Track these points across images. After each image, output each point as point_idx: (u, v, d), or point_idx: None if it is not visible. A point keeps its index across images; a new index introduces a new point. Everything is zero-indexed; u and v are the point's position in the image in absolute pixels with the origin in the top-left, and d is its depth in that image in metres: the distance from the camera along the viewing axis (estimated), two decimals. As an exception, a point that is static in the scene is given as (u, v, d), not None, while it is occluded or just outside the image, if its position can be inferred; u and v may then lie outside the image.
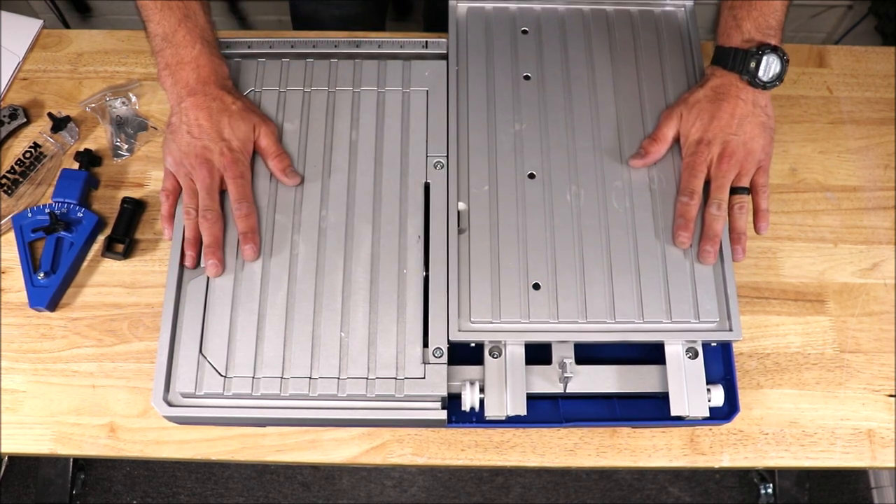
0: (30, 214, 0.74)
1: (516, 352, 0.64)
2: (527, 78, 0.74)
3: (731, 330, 0.65)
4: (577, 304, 0.65)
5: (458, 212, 0.68)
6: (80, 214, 0.74)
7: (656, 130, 0.71)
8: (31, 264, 0.72)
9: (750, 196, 0.70)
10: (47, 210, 0.73)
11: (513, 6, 0.78)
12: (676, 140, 0.71)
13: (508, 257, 0.66)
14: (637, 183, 0.70)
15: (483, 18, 0.78)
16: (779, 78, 0.69)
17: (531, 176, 0.70)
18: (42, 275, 0.71)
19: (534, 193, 0.69)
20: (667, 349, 0.65)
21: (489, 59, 0.75)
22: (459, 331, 0.64)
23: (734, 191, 0.69)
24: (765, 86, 0.69)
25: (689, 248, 0.67)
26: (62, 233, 0.73)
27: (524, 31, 0.77)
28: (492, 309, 0.64)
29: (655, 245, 0.67)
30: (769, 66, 0.68)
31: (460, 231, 0.67)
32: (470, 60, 0.75)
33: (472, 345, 0.65)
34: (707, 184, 0.69)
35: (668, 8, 0.80)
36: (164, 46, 0.70)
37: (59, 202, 0.74)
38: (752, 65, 0.68)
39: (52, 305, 0.71)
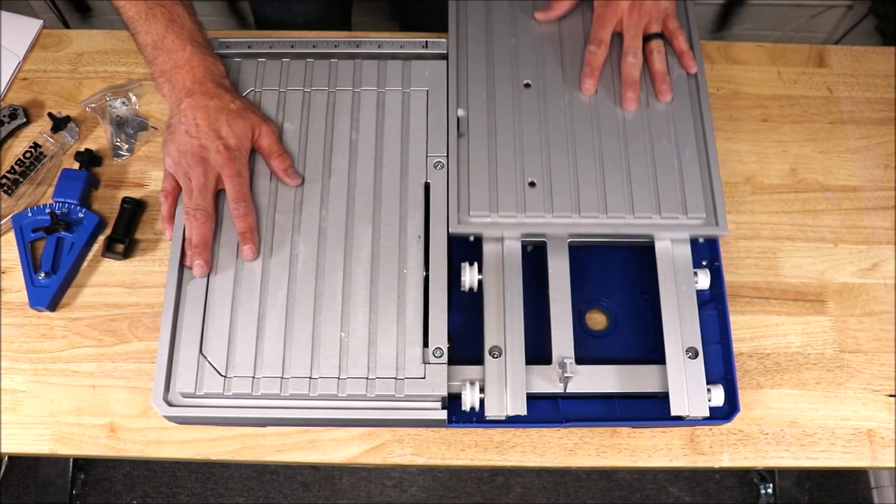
0: (30, 214, 0.74)
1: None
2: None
3: (717, 225, 0.68)
4: (570, 200, 0.68)
5: (458, 118, 0.71)
6: (80, 214, 0.74)
7: None
8: (31, 264, 0.72)
9: (663, 43, 0.74)
10: (48, 210, 0.73)
11: None
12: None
13: (505, 157, 0.70)
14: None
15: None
16: None
17: (527, 85, 0.73)
18: (42, 275, 0.71)
19: (529, 100, 0.73)
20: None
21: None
22: (459, 223, 0.67)
23: (647, 38, 0.74)
24: None
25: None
26: (63, 233, 0.73)
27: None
28: (489, 203, 0.67)
29: (644, 145, 0.71)
30: None
31: (460, 135, 0.71)
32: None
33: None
34: (620, 38, 0.75)
35: None
36: (157, 54, 0.71)
37: (59, 202, 0.74)
38: None
39: (53, 305, 0.71)
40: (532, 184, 0.68)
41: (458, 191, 0.68)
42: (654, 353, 0.68)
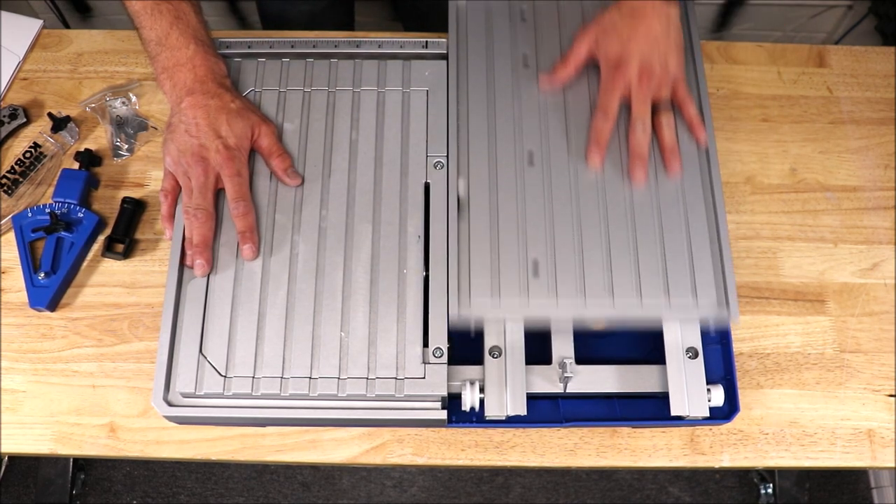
0: (30, 214, 0.74)
1: (516, 333, 0.64)
2: (526, 65, 0.75)
3: (728, 312, 0.65)
4: (575, 283, 0.65)
5: (458, 194, 0.68)
6: (80, 214, 0.74)
7: (568, 51, 0.73)
8: (31, 264, 0.72)
9: (673, 113, 0.71)
10: (48, 210, 0.73)
11: None
12: (590, 61, 0.73)
13: (508, 239, 0.67)
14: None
15: (482, 8, 0.78)
16: None
17: (530, 158, 0.70)
18: (42, 275, 0.71)
19: (533, 177, 0.70)
20: (665, 332, 0.65)
21: (488, 45, 0.75)
22: (459, 306, 0.64)
23: (656, 110, 0.70)
24: None
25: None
26: (62, 233, 0.73)
27: (523, 20, 0.77)
28: (491, 287, 0.65)
29: (653, 227, 0.67)
30: None
31: (460, 215, 0.68)
32: (470, 38, 0.76)
33: (473, 334, 0.65)
34: (627, 107, 0.71)
35: None
36: (160, 51, 0.71)
37: (59, 202, 0.74)
38: None
39: (53, 305, 0.71)
40: (536, 265, 0.65)
41: (458, 274, 0.65)
42: (654, 353, 0.68)
